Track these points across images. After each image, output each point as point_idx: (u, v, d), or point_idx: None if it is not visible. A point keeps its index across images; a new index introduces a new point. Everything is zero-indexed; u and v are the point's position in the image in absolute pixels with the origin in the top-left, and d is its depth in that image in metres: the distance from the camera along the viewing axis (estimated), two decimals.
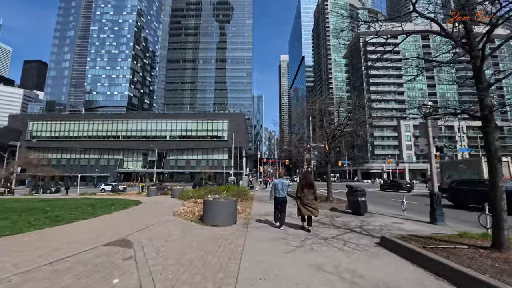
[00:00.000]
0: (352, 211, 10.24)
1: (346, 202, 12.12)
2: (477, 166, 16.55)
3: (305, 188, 6.84)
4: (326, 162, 13.21)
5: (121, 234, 6.15)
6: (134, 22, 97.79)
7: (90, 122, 68.38)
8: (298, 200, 6.91)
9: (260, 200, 15.81)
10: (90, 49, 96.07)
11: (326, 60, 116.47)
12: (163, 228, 7.06)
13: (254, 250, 4.86)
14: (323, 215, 9.85)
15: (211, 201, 7.53)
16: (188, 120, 67.31)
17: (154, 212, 10.75)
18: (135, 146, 66.44)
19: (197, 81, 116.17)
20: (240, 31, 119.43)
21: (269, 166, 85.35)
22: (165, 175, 64.83)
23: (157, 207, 12.86)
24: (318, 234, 6.38)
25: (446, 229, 7.21)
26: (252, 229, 6.93)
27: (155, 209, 11.73)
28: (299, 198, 6.91)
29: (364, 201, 9.87)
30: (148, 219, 8.50)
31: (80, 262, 4.18)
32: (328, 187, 13.04)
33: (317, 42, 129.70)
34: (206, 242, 5.44)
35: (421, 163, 69.92)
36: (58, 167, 67.27)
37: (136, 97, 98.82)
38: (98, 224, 7.63)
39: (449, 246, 4.52)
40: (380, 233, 6.60)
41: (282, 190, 7.28)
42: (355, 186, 10.33)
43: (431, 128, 8.99)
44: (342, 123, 11.99)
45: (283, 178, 8.71)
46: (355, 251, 4.90)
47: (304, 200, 6.73)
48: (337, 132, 12.70)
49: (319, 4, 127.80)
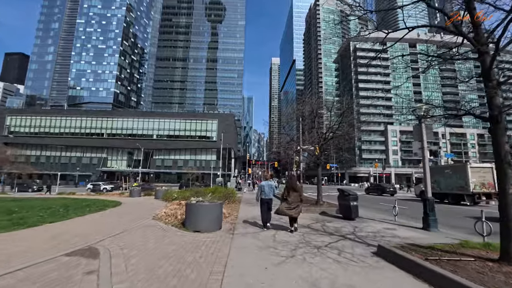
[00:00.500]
0: (343, 216, 9.86)
1: (336, 206, 11.75)
2: (463, 171, 16.61)
3: (290, 191, 7.19)
4: (317, 165, 12.83)
5: (89, 241, 5.42)
6: (123, 17, 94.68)
7: (73, 118, 65.51)
8: (283, 202, 7.24)
9: (248, 202, 15.24)
10: (75, 42, 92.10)
11: (317, 64, 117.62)
12: (139, 234, 6.36)
13: (239, 262, 4.30)
14: (313, 219, 9.41)
15: (194, 205, 6.90)
16: (176, 120, 65.77)
17: (133, 214, 9.96)
18: (120, 144, 64.18)
19: (187, 81, 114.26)
20: (232, 31, 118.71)
21: (258, 168, 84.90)
22: (151, 175, 63.00)
23: (138, 209, 12.04)
24: (309, 241, 5.89)
25: (441, 236, 6.93)
26: (238, 236, 6.35)
27: (135, 212, 10.93)
28: (284, 200, 7.23)
29: (355, 205, 9.51)
30: (124, 223, 7.75)
31: (29, 277, 3.47)
32: (318, 191, 12.65)
33: (308, 46, 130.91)
34: (186, 252, 4.82)
35: (406, 167, 71.52)
36: (37, 165, 63.99)
37: (123, 94, 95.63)
38: (66, 228, 6.83)
39: (454, 258, 4.12)
40: (374, 240, 6.22)
41: (268, 192, 7.57)
42: (347, 190, 9.96)
43: (425, 132, 8.76)
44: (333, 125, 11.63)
45: (270, 180, 8.83)
46: (352, 262, 4.43)
47: (289, 202, 7.06)
48: (329, 134, 12.34)
49: (311, 9, 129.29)
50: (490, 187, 16.20)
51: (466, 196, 16.19)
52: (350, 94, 78.26)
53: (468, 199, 16.15)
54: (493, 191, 16.01)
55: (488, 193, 16.06)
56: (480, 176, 16.32)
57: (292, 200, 7.02)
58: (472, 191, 15.85)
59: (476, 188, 15.96)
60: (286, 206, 7.00)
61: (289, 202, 7.03)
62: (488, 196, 16.11)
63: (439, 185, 18.22)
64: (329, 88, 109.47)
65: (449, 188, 17.42)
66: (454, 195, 17.31)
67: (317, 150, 31.49)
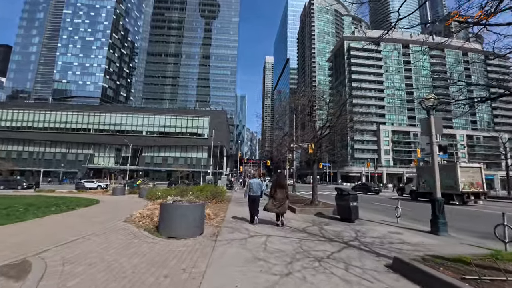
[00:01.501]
0: (341, 217, 8.91)
1: (332, 207, 10.82)
2: (453, 171, 16.74)
3: (278, 188, 7.48)
4: (312, 162, 11.87)
5: (27, 251, 4.23)
6: (112, 9, 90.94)
7: (58, 112, 62.68)
8: (271, 199, 7.50)
9: (238, 202, 14.14)
10: (62, 34, 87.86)
11: (311, 63, 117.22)
12: (100, 241, 5.18)
13: (219, 285, 3.22)
14: (309, 221, 8.42)
15: (170, 205, 5.76)
16: (167, 116, 63.85)
17: (105, 215, 8.73)
18: (108, 140, 61.87)
19: (179, 77, 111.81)
20: (225, 28, 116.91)
21: (250, 166, 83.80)
22: (140, 173, 60.99)
23: (114, 208, 10.79)
24: (308, 251, 4.86)
25: (454, 242, 6.09)
26: (221, 243, 5.26)
27: (109, 212, 9.68)
28: (272, 196, 7.51)
29: (355, 206, 8.56)
30: (88, 226, 6.55)
31: None
32: (313, 190, 11.67)
33: (302, 45, 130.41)
34: (151, 267, 3.71)
35: (398, 167, 71.84)
36: (19, 161, 61.12)
37: (112, 88, 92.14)
38: (8, 233, 5.58)
39: (499, 278, 3.16)
40: (382, 247, 5.28)
41: (256, 189, 7.85)
42: (345, 189, 9.00)
43: (434, 125, 7.86)
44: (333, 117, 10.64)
45: (258, 179, 9.50)
46: (365, 282, 3.41)
47: (275, 199, 7.37)
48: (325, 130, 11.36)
49: (306, 8, 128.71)
50: (479, 186, 16.44)
51: (456, 196, 16.24)
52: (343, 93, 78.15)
53: (457, 199, 16.22)
54: (481, 191, 16.40)
55: (476, 192, 16.25)
56: (469, 176, 16.55)
57: (279, 197, 7.33)
58: (461, 191, 15.96)
59: (465, 188, 16.10)
60: (274, 203, 7.34)
61: (276, 199, 7.34)
62: (477, 195, 16.32)
63: (429, 184, 18.11)
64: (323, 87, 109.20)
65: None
66: (444, 195, 17.53)
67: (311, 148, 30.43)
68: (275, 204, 7.29)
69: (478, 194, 16.33)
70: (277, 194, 7.36)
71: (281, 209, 7.29)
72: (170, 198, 6.59)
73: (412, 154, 76.19)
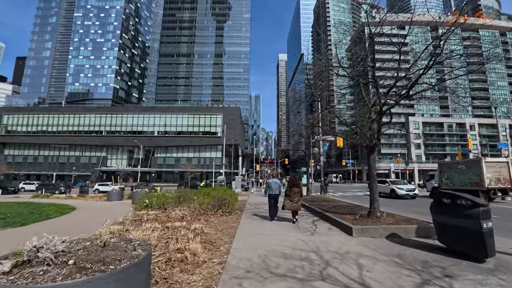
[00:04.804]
0: (449, 247, 4.74)
1: (406, 221, 6.61)
2: (477, 166, 15.42)
3: (292, 187, 7.95)
4: (371, 148, 7.64)
5: None
6: (121, 9, 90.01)
7: (71, 116, 62.01)
8: (286, 197, 7.96)
9: (256, 213, 9.99)
10: (73, 37, 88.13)
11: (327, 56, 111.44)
12: None
13: None
14: (392, 260, 4.18)
15: None
16: (178, 115, 61.24)
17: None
18: (120, 142, 60.29)
19: (192, 77, 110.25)
20: (237, 25, 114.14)
21: (267, 166, 79.79)
22: (152, 175, 58.83)
23: (80, 222, 7.17)
24: None
25: None
26: None
27: (64, 228, 6.02)
28: (287, 195, 7.96)
29: (490, 230, 4.29)
30: None
31: None
32: (372, 193, 7.45)
33: (317, 37, 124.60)
34: None
35: (430, 163, 64.82)
36: (35, 165, 61.12)
37: (123, 89, 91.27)
38: None
39: None
40: None
41: (275, 188, 8.46)
42: (464, 195, 4.70)
43: None
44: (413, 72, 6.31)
45: (276, 178, 9.29)
46: None
47: (291, 197, 7.84)
48: (390, 98, 7.07)
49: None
50: (506, 182, 15.36)
51: (481, 192, 14.96)
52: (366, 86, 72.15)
53: (483, 195, 14.95)
54: (510, 186, 15.34)
55: (504, 188, 15.25)
56: (495, 171, 15.48)
57: (294, 196, 7.83)
58: (487, 187, 14.92)
59: (491, 184, 15.05)
60: (289, 201, 7.83)
61: (291, 197, 7.83)
62: (504, 191, 15.34)
63: (452, 181, 17.14)
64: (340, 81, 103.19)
65: (463, 184, 16.33)
66: (468, 191, 15.54)
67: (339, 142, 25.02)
68: (289, 203, 7.79)
69: (505, 190, 15.30)
70: (291, 193, 7.87)
71: (296, 207, 7.79)
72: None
73: (446, 147, 68.79)
